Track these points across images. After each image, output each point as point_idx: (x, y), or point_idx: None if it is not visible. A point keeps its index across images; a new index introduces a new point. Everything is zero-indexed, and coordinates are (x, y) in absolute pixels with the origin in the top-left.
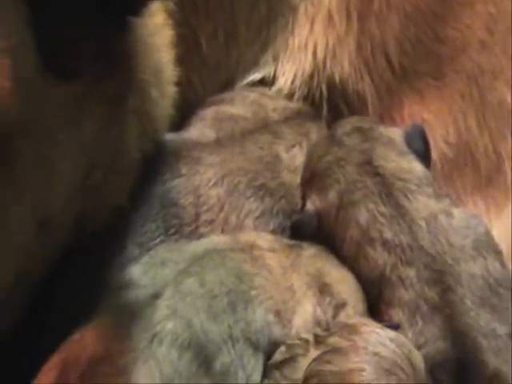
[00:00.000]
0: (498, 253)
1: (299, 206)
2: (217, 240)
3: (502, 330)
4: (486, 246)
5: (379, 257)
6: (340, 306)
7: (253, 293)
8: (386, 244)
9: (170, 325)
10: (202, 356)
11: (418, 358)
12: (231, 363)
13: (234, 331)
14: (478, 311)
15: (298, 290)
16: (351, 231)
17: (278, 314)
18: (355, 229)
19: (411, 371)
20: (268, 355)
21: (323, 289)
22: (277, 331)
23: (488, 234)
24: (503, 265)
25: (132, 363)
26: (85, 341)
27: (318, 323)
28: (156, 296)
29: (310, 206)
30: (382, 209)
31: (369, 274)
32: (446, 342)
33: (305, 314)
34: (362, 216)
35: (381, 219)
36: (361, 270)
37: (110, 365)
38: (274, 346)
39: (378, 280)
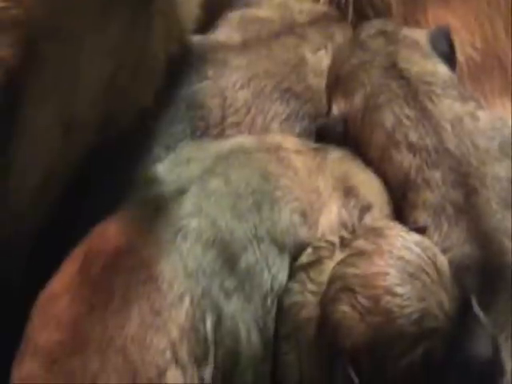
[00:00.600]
0: None
1: (325, 109)
2: (242, 140)
3: None
4: None
5: (404, 159)
6: (365, 208)
7: (278, 193)
8: (411, 146)
9: (194, 222)
10: (227, 254)
11: (444, 262)
12: (256, 262)
13: (260, 231)
14: (504, 213)
15: (324, 192)
16: (376, 134)
17: (303, 214)
18: (380, 132)
19: (436, 276)
20: (294, 257)
21: (349, 191)
22: (302, 232)
23: None
24: None
25: (155, 256)
26: (107, 233)
27: (343, 225)
28: (181, 192)
29: (335, 109)
30: (407, 111)
31: (394, 176)
32: (472, 245)
33: (330, 215)
34: (388, 119)
35: (406, 122)
36: (386, 173)
37: (133, 257)
38: (299, 248)
39: (404, 183)
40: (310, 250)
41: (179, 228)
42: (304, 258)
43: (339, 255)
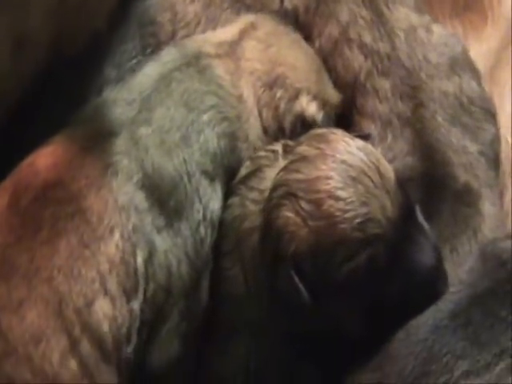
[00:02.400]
0: (474, 71)
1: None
2: (165, 59)
3: (473, 147)
4: (463, 64)
5: (355, 59)
6: (293, 97)
7: (204, 118)
8: (363, 47)
9: (125, 160)
10: (156, 195)
11: (387, 167)
12: (186, 197)
13: (189, 165)
14: (449, 128)
15: (248, 100)
16: (330, 27)
17: (232, 136)
18: (334, 25)
19: (379, 180)
20: (226, 183)
21: (274, 83)
22: (232, 157)
23: (465, 53)
24: (479, 84)
25: (85, 189)
26: (37, 166)
27: (269, 127)
28: (113, 134)
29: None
30: (364, 12)
31: (343, 75)
32: (415, 156)
33: (256, 123)
34: (343, 14)
35: (361, 22)
36: (336, 69)
37: (62, 190)
38: (231, 171)
39: (352, 84)
40: (248, 162)
41: (110, 164)
42: (243, 171)
43: (282, 162)
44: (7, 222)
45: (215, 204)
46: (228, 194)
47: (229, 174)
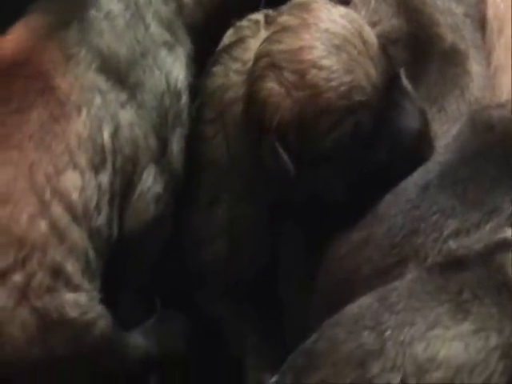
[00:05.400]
0: None
1: None
2: None
3: (458, 9)
4: None
5: None
6: None
7: None
8: None
9: (83, 51)
10: (116, 76)
11: (370, 33)
12: (144, 73)
13: (143, 43)
14: None
15: None
16: None
17: None
18: None
19: (363, 47)
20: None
21: None
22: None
23: None
24: None
25: (52, 71)
26: (2, 48)
27: None
28: (68, 23)
29: None
30: None
31: None
32: (401, 18)
33: None
34: None
35: None
36: None
37: (31, 68)
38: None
39: None
40: (231, 31)
41: (70, 55)
42: (225, 40)
43: (264, 33)
44: None
45: (179, 71)
46: (211, 61)
47: (190, 30)
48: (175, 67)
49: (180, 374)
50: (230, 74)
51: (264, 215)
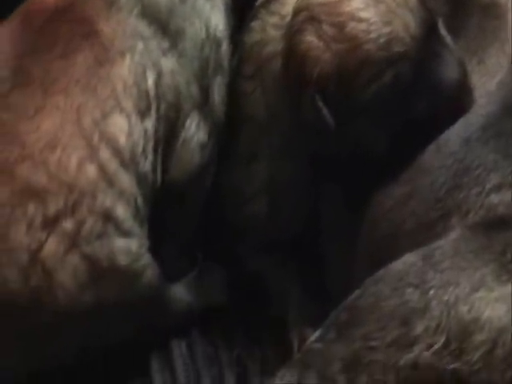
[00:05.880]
0: None
1: None
2: None
3: None
4: None
5: None
6: None
7: None
8: None
9: None
10: (157, 22)
11: None
12: (184, 20)
13: None
14: None
15: None
16: None
17: None
18: None
19: None
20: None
21: None
22: None
23: None
24: None
25: (95, 16)
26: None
27: None
28: None
29: None
30: None
31: None
32: None
33: None
34: None
35: None
36: None
37: (75, 13)
38: None
39: None
40: None
41: (112, 1)
42: None
43: None
44: (21, 37)
45: (217, 20)
46: (249, 16)
47: None
48: (214, 15)
49: (221, 327)
50: (267, 29)
51: (303, 172)
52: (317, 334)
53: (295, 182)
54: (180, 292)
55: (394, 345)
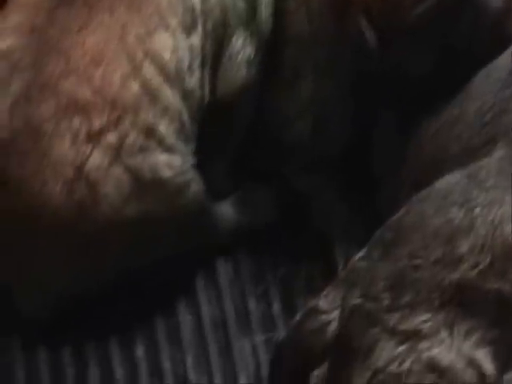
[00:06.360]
0: None
1: None
2: None
3: None
4: None
5: None
6: None
7: None
8: None
9: None
10: None
11: None
12: None
13: None
14: None
15: None
16: None
17: None
18: None
19: None
20: None
21: None
22: None
23: None
24: None
25: None
26: None
27: None
28: None
29: None
30: None
31: None
32: None
33: None
34: None
35: None
36: None
37: None
38: None
39: None
40: None
41: None
42: None
43: None
44: None
45: None
46: None
47: None
48: None
49: (266, 245)
50: None
51: (347, 93)
52: (362, 252)
53: (338, 98)
54: (227, 210)
55: (438, 263)
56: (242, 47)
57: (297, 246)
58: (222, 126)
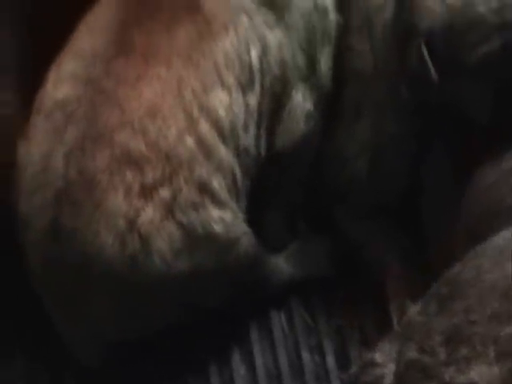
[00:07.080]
0: None
1: None
2: None
3: None
4: None
5: None
6: None
7: None
8: None
9: None
10: None
11: None
12: None
13: None
14: None
15: None
16: None
17: None
18: None
19: None
20: None
21: None
22: None
23: None
24: None
25: None
26: None
27: None
28: None
29: None
30: None
31: None
32: None
33: None
34: None
35: None
36: None
37: None
38: None
39: None
40: None
41: None
42: None
43: None
44: (124, 5)
45: None
46: None
47: None
48: None
49: (320, 296)
50: None
51: (407, 127)
52: (417, 307)
53: (397, 142)
54: (281, 263)
55: (494, 318)
56: (301, 101)
57: (350, 297)
58: (279, 178)
